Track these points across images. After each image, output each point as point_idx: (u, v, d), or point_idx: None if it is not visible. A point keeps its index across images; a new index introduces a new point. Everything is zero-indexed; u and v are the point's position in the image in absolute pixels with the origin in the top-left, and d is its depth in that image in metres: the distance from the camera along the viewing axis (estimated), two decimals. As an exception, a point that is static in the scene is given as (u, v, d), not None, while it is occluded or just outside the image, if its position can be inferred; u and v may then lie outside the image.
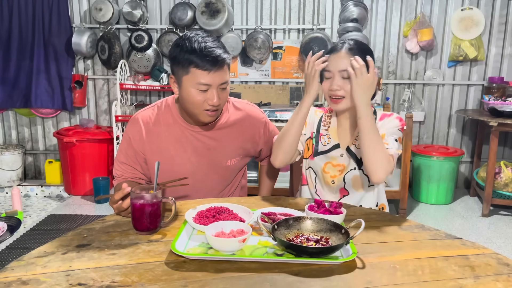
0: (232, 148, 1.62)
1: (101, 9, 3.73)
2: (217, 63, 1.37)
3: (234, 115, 1.62)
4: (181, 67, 1.40)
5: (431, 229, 1.24)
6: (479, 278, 0.96)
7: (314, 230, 1.13)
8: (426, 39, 3.70)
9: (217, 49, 1.38)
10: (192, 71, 1.38)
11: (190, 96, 1.42)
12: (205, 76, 1.38)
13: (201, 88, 1.40)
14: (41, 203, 3.70)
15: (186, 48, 1.38)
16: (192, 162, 1.58)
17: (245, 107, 1.66)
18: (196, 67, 1.37)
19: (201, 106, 1.43)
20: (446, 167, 3.60)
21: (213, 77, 1.39)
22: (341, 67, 1.43)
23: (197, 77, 1.38)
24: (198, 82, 1.39)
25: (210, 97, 1.41)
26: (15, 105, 3.92)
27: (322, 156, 1.56)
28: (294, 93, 3.89)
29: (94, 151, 3.76)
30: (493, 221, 3.35)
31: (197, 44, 1.37)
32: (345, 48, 1.45)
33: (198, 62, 1.36)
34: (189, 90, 1.41)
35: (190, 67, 1.38)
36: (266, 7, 3.87)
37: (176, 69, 1.43)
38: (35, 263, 0.99)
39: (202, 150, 1.58)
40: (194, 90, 1.40)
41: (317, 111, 1.64)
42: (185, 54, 1.38)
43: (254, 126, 1.66)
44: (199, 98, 1.41)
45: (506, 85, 3.69)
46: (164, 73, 3.79)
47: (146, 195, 1.17)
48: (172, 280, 0.92)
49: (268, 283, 0.92)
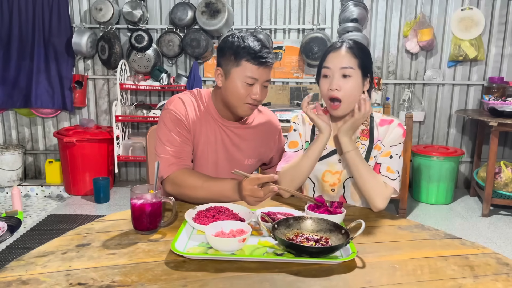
0: (252, 149, 1.66)
1: (101, 9, 3.73)
2: (267, 61, 1.46)
3: (258, 118, 1.69)
4: (233, 59, 1.47)
5: (431, 229, 1.24)
6: (479, 277, 0.96)
7: (314, 230, 1.13)
8: (426, 39, 3.70)
9: (268, 50, 1.48)
10: (243, 64, 1.45)
11: (236, 88, 1.48)
12: (255, 70, 1.45)
13: (248, 81, 1.46)
14: (41, 203, 3.70)
15: (242, 42, 1.46)
16: (216, 153, 1.61)
17: (267, 113, 1.75)
18: (248, 61, 1.45)
19: (244, 99, 1.49)
20: (446, 167, 3.60)
21: (261, 73, 1.47)
22: (342, 64, 1.41)
23: (247, 70, 1.45)
24: (247, 76, 1.45)
25: (254, 92, 1.47)
26: (15, 105, 3.92)
27: (320, 162, 1.52)
28: (294, 93, 3.89)
29: (94, 151, 3.76)
30: (493, 221, 3.35)
31: (252, 42, 1.46)
32: (345, 46, 1.44)
33: (251, 57, 1.44)
34: (236, 82, 1.47)
35: (243, 60, 1.45)
36: (266, 7, 3.88)
37: (226, 61, 1.49)
38: (35, 262, 0.99)
39: (228, 145, 1.61)
40: (241, 83, 1.47)
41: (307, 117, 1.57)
42: (239, 48, 1.46)
43: (272, 132, 1.72)
44: (243, 91, 1.47)
45: (506, 85, 3.69)
46: (164, 73, 3.79)
47: (146, 195, 1.17)
48: (172, 280, 0.92)
49: (268, 282, 0.92)
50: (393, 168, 1.44)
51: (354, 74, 1.41)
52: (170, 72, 3.94)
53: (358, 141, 1.50)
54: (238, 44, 1.46)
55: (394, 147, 1.46)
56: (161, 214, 1.21)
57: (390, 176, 1.43)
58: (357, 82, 1.42)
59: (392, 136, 1.47)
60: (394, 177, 1.43)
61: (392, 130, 1.48)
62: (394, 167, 1.44)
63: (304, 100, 1.46)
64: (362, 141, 1.50)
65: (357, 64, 1.42)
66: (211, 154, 1.60)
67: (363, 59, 1.43)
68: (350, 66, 1.41)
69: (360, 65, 1.42)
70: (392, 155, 1.46)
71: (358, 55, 1.42)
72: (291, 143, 1.58)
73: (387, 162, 1.45)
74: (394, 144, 1.47)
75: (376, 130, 1.50)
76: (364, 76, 1.44)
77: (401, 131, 1.47)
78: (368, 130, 1.50)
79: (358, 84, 1.43)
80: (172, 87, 3.80)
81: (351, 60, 1.41)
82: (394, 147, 1.46)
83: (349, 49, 1.43)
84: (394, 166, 1.44)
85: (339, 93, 1.41)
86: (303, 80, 3.93)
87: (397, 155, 1.46)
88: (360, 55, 1.42)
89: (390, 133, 1.47)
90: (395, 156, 1.46)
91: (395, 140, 1.47)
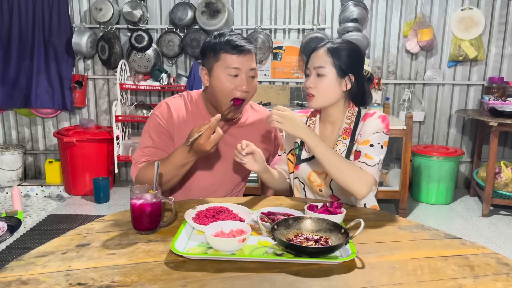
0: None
1: (101, 9, 3.73)
2: (245, 49, 1.48)
3: (252, 116, 1.70)
4: (213, 56, 1.50)
5: (431, 229, 1.24)
6: (479, 278, 0.96)
7: (314, 230, 1.13)
8: (426, 39, 3.70)
9: (243, 39, 1.51)
10: (222, 57, 1.48)
11: (220, 83, 1.49)
12: (235, 60, 1.47)
13: (231, 72, 1.48)
14: (41, 203, 3.70)
15: (218, 38, 1.50)
16: (209, 155, 1.59)
17: (262, 111, 1.75)
18: (226, 52, 1.47)
19: (230, 93, 1.49)
20: (446, 167, 3.60)
21: (242, 61, 1.48)
22: (315, 64, 1.47)
23: (227, 61, 1.47)
24: (229, 66, 1.47)
25: (240, 83, 1.48)
26: (15, 105, 3.92)
27: (305, 164, 1.54)
28: (294, 93, 3.89)
29: (94, 151, 3.76)
30: (493, 221, 3.35)
31: (229, 36, 1.50)
32: (325, 47, 1.47)
33: (228, 48, 1.47)
34: (220, 77, 1.49)
35: (221, 53, 1.48)
36: (266, 7, 3.88)
37: (208, 60, 1.53)
38: (35, 262, 0.99)
39: (221, 145, 1.62)
40: (225, 76, 1.48)
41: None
42: (216, 44, 1.50)
43: (267, 131, 1.72)
44: (228, 84, 1.48)
45: (506, 85, 3.69)
46: (164, 73, 3.79)
47: (146, 195, 1.17)
48: (172, 280, 0.92)
49: (268, 283, 0.92)
50: (372, 155, 1.41)
51: (327, 72, 1.45)
52: (170, 72, 3.94)
53: (340, 140, 1.49)
54: (215, 41, 1.50)
55: (373, 135, 1.43)
56: (161, 214, 1.21)
57: (368, 162, 1.40)
58: (331, 80, 1.45)
59: (371, 127, 1.44)
60: (372, 163, 1.40)
61: (371, 122, 1.46)
62: (375, 155, 1.41)
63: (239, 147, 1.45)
64: (343, 140, 1.48)
65: (331, 63, 1.45)
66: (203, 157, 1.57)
67: (339, 58, 1.44)
68: (321, 65, 1.45)
69: (334, 65, 1.44)
70: (372, 143, 1.42)
71: (333, 54, 1.45)
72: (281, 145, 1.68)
73: (366, 150, 1.42)
74: (374, 132, 1.43)
75: (359, 126, 1.49)
76: (341, 75, 1.45)
77: (380, 122, 1.44)
78: (351, 128, 1.49)
79: (331, 82, 1.45)
80: (172, 87, 3.80)
81: (325, 60, 1.45)
82: (374, 135, 1.43)
83: (327, 49, 1.46)
84: (375, 154, 1.41)
85: (312, 90, 1.48)
86: (303, 80, 3.91)
87: (379, 143, 1.43)
88: (336, 55, 1.44)
89: (368, 125, 1.45)
90: (377, 145, 1.42)
91: (374, 129, 1.43)
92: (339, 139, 1.50)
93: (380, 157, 1.42)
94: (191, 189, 1.63)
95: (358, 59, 1.50)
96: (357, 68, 1.49)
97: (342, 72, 1.45)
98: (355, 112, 1.51)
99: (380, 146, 1.43)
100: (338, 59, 1.45)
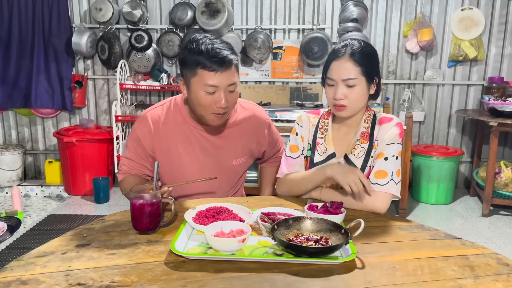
0: (239, 148, 1.63)
1: (101, 9, 3.73)
2: (224, 64, 1.37)
3: (241, 114, 1.63)
4: (189, 69, 1.40)
5: (431, 229, 1.23)
6: (479, 278, 0.96)
7: (314, 230, 1.13)
8: (426, 39, 3.70)
9: (224, 50, 1.37)
10: (199, 73, 1.38)
11: (198, 99, 1.42)
12: (212, 77, 1.37)
13: (209, 90, 1.38)
14: (41, 203, 3.70)
15: (194, 50, 1.38)
16: (200, 161, 1.58)
17: (251, 107, 1.68)
18: (203, 68, 1.37)
19: (209, 108, 1.42)
20: (446, 167, 3.60)
21: (220, 78, 1.38)
22: (343, 76, 1.39)
23: (204, 78, 1.38)
24: (206, 84, 1.38)
25: (217, 100, 1.40)
26: (15, 105, 3.92)
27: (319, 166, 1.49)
28: (294, 93, 3.89)
29: (94, 151, 3.76)
30: (493, 221, 3.35)
31: (204, 46, 1.36)
32: (347, 53, 1.39)
33: (205, 63, 1.36)
34: (197, 92, 1.41)
35: (197, 68, 1.38)
36: (266, 7, 3.87)
37: (185, 71, 1.43)
38: (35, 263, 0.99)
39: (210, 150, 1.58)
40: (202, 92, 1.39)
41: (311, 118, 1.57)
42: (193, 55, 1.38)
43: (259, 127, 1.67)
44: (207, 100, 1.40)
45: (506, 85, 3.69)
46: (164, 73, 3.79)
47: (145, 195, 1.17)
48: (172, 280, 0.92)
49: (268, 283, 0.92)
50: (385, 169, 1.39)
51: (358, 82, 1.39)
52: (170, 72, 3.94)
53: (358, 144, 1.46)
54: (193, 52, 1.38)
55: (389, 148, 1.41)
56: (161, 214, 1.21)
57: (380, 182, 1.38)
58: (362, 89, 1.41)
59: (388, 135, 1.43)
60: (384, 181, 1.38)
61: (388, 129, 1.44)
62: (389, 169, 1.39)
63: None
64: (361, 144, 1.46)
65: (360, 72, 1.39)
66: (195, 163, 1.58)
67: (367, 65, 1.39)
68: (352, 77, 1.38)
69: (363, 73, 1.39)
70: (387, 156, 1.41)
71: (361, 62, 1.38)
72: (292, 146, 1.56)
73: (379, 166, 1.40)
74: (389, 143, 1.42)
75: (375, 130, 1.47)
76: (369, 82, 1.42)
77: (397, 131, 1.43)
78: (368, 132, 1.47)
79: (363, 91, 1.42)
80: (172, 87, 3.80)
81: (354, 70, 1.38)
82: (389, 147, 1.41)
83: (351, 56, 1.39)
84: (389, 168, 1.39)
85: (344, 101, 1.41)
86: (303, 80, 3.92)
87: (394, 156, 1.41)
88: (363, 62, 1.39)
89: (386, 133, 1.44)
90: (391, 157, 1.41)
91: (390, 140, 1.42)
92: (357, 143, 1.46)
93: (393, 170, 1.40)
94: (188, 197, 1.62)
95: (377, 59, 1.47)
96: (378, 69, 1.47)
97: (370, 78, 1.42)
98: (371, 115, 1.49)
99: (395, 158, 1.41)
100: (366, 66, 1.39)
